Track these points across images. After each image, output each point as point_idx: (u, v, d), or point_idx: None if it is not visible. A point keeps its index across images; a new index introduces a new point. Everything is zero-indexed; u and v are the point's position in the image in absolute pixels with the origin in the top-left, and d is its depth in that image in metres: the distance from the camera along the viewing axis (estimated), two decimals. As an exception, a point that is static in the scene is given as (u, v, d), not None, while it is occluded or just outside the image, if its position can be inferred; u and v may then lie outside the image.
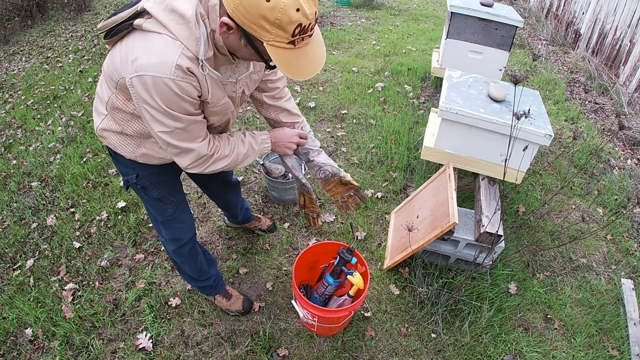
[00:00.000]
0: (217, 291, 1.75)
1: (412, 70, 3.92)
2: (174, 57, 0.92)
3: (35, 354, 1.68)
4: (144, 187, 1.32)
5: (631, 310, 1.88)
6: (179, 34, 0.92)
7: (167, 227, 1.46)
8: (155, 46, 0.93)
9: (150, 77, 0.92)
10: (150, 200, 1.38)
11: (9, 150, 3.02)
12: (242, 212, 2.03)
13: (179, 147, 1.08)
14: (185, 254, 1.54)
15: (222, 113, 1.16)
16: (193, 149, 1.09)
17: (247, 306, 1.80)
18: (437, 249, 1.94)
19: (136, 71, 0.93)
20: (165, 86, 0.93)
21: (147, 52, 0.93)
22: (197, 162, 1.13)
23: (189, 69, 0.94)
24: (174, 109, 0.98)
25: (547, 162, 2.86)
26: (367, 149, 2.84)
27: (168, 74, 0.92)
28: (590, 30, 4.24)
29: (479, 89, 2.05)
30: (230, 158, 1.19)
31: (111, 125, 1.18)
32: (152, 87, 0.93)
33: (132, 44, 0.96)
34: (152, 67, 0.92)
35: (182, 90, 0.95)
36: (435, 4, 6.47)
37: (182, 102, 0.98)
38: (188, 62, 0.93)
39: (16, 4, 5.72)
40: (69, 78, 4.02)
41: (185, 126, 1.04)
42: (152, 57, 0.92)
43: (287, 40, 0.87)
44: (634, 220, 2.42)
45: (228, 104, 1.15)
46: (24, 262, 2.08)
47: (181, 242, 1.50)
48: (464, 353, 1.69)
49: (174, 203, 1.41)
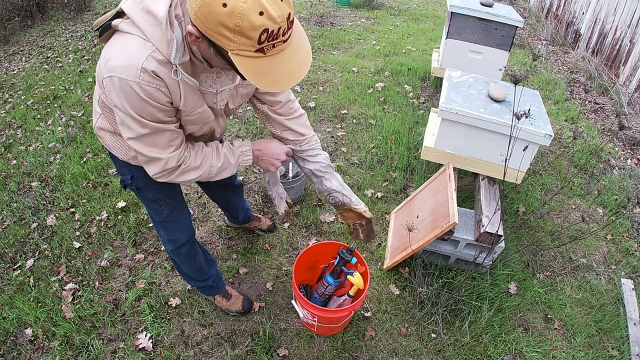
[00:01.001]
0: (216, 291, 1.75)
1: (412, 70, 3.92)
2: (141, 59, 0.88)
3: (35, 354, 1.68)
4: (138, 188, 1.31)
5: (631, 310, 1.88)
6: (152, 35, 0.88)
7: (165, 227, 1.46)
8: (125, 47, 0.90)
9: (118, 78, 0.89)
10: (145, 201, 1.38)
11: (9, 150, 3.02)
12: (243, 212, 2.03)
13: (146, 156, 1.03)
14: (184, 254, 1.54)
15: (200, 122, 1.11)
16: (161, 159, 1.03)
17: (247, 306, 1.79)
18: (437, 249, 1.94)
19: (108, 71, 0.91)
20: (131, 89, 0.90)
21: (118, 53, 0.90)
22: (164, 172, 1.08)
23: (154, 72, 0.89)
24: (141, 114, 0.94)
25: (547, 162, 2.86)
26: (367, 149, 2.84)
27: (133, 76, 0.88)
28: (590, 30, 4.24)
29: (479, 89, 2.05)
30: (202, 170, 1.13)
31: (105, 124, 1.17)
32: (120, 90, 0.91)
33: (110, 45, 0.95)
34: (120, 69, 0.89)
35: (148, 95, 0.91)
36: (435, 4, 6.47)
37: (149, 107, 0.94)
38: (155, 66, 0.89)
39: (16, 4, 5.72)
40: (69, 78, 4.02)
41: (152, 133, 0.99)
42: (120, 59, 0.89)
43: (253, 49, 0.77)
44: (634, 220, 2.42)
45: (206, 112, 1.08)
46: (24, 262, 2.08)
47: (178, 242, 1.49)
48: (464, 353, 1.69)
49: (169, 204, 1.40)
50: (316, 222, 2.27)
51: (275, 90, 0.84)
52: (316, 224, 2.26)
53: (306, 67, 0.86)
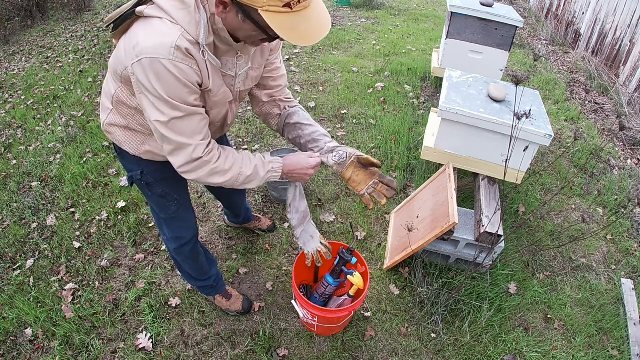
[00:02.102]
0: (217, 291, 1.75)
1: (412, 70, 3.92)
2: (174, 37, 0.90)
3: (35, 354, 1.68)
4: (148, 183, 1.31)
5: (631, 310, 1.88)
6: (179, 18, 0.92)
7: (170, 225, 1.46)
8: (154, 29, 0.92)
9: (149, 59, 0.90)
10: (154, 197, 1.37)
11: (9, 150, 3.02)
12: (244, 211, 2.03)
13: (174, 141, 1.03)
14: (187, 252, 1.54)
15: (222, 104, 1.14)
16: (189, 144, 1.04)
17: (247, 306, 1.79)
18: (437, 249, 1.94)
19: (137, 56, 0.92)
20: (163, 68, 0.91)
21: (147, 35, 0.92)
22: (190, 165, 1.07)
23: (187, 50, 0.92)
24: (172, 96, 0.96)
25: (547, 162, 2.86)
26: (367, 149, 2.84)
27: (167, 54, 0.90)
28: (590, 30, 4.24)
29: (479, 89, 2.05)
30: (229, 175, 1.13)
31: (117, 119, 1.17)
32: (150, 70, 0.92)
33: (135, 32, 0.96)
34: (151, 49, 0.90)
35: (180, 73, 0.93)
36: (435, 4, 6.47)
37: (181, 87, 0.96)
38: (187, 44, 0.92)
39: (16, 4, 5.72)
40: (69, 78, 4.02)
41: (184, 116, 1.00)
42: (151, 40, 0.91)
43: (282, 4, 0.83)
44: (634, 220, 2.42)
45: (227, 92, 1.13)
46: (24, 262, 2.08)
47: (183, 240, 1.50)
48: (464, 353, 1.69)
49: (177, 201, 1.41)
50: (316, 222, 2.27)
51: (302, 44, 0.88)
52: (316, 224, 2.26)
53: (327, 27, 0.91)
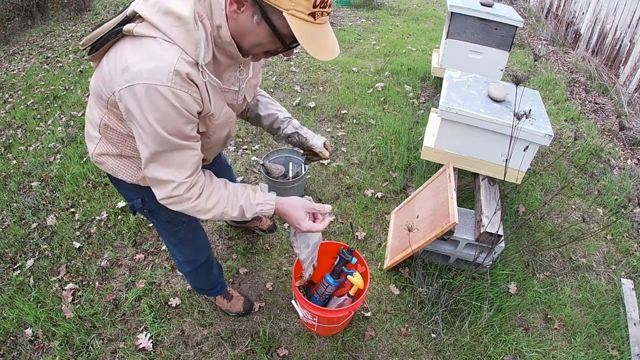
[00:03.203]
0: (218, 293, 1.75)
1: (412, 70, 3.92)
2: (172, 61, 0.80)
3: (35, 354, 1.68)
4: (151, 211, 1.22)
5: (631, 310, 1.88)
6: (175, 37, 0.82)
7: (181, 249, 1.40)
8: (148, 51, 0.81)
9: (143, 85, 0.80)
10: (160, 224, 1.30)
11: (9, 150, 3.02)
12: None
13: (156, 178, 0.94)
14: (202, 273, 1.51)
15: (224, 125, 1.06)
16: (171, 181, 0.95)
17: (248, 307, 1.79)
18: (437, 249, 1.94)
19: (127, 82, 0.81)
20: (160, 96, 0.81)
21: (139, 58, 0.81)
22: (170, 200, 0.98)
23: (188, 75, 0.83)
24: (165, 127, 0.85)
25: (547, 162, 2.86)
26: (367, 149, 2.84)
27: (165, 80, 0.80)
28: (590, 30, 4.24)
29: (479, 89, 2.05)
30: (212, 214, 1.04)
31: (107, 148, 1.07)
32: (144, 98, 0.81)
33: (122, 53, 0.84)
34: (145, 74, 0.80)
35: (179, 102, 0.84)
36: (435, 4, 6.47)
37: (177, 117, 0.86)
38: (188, 68, 0.83)
39: (16, 4, 5.72)
40: (69, 78, 4.02)
41: (171, 150, 0.91)
42: (145, 63, 0.80)
43: (308, 11, 0.78)
44: (634, 220, 2.42)
45: (229, 113, 1.06)
46: (24, 262, 2.08)
47: (197, 262, 1.45)
48: (464, 353, 1.69)
49: (185, 223, 1.32)
50: (316, 222, 2.27)
51: (320, 57, 0.83)
52: (316, 224, 2.26)
53: (338, 49, 0.89)
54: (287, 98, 3.43)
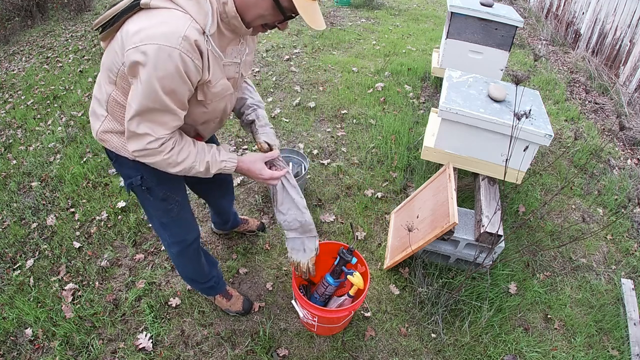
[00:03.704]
0: (217, 291, 1.75)
1: (412, 70, 3.92)
2: (183, 28, 0.90)
3: (35, 354, 1.68)
4: (149, 188, 1.28)
5: (631, 310, 1.88)
6: (188, 8, 0.92)
7: (171, 229, 1.43)
8: (162, 18, 0.91)
9: (154, 45, 0.88)
10: (155, 202, 1.34)
11: (9, 150, 3.02)
12: (232, 216, 2.02)
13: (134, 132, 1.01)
14: (190, 255, 1.52)
15: (221, 96, 1.13)
16: (149, 135, 1.02)
17: (247, 306, 1.79)
18: (437, 249, 1.94)
19: (139, 42, 0.89)
20: (168, 57, 0.90)
21: (153, 24, 0.90)
22: (144, 152, 1.05)
23: (196, 42, 0.92)
24: (163, 86, 0.94)
25: (547, 162, 2.86)
26: (367, 149, 2.84)
27: (175, 43, 0.89)
28: (590, 30, 4.24)
29: (479, 89, 2.05)
30: (181, 167, 1.12)
31: (112, 125, 1.15)
32: (153, 56, 0.89)
33: (136, 23, 0.93)
34: (158, 36, 0.89)
35: (184, 66, 0.93)
36: (435, 4, 6.47)
37: (178, 81, 0.94)
38: (197, 35, 0.92)
39: (16, 4, 5.72)
40: (69, 78, 4.02)
41: (159, 110, 0.98)
42: (157, 28, 0.89)
43: None
44: (634, 220, 2.42)
45: (227, 85, 1.13)
46: (24, 262, 2.08)
47: (186, 242, 1.47)
48: (464, 353, 1.69)
49: (178, 202, 1.39)
50: (316, 222, 2.27)
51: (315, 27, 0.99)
52: (316, 224, 2.26)
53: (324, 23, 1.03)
54: (287, 98, 3.43)
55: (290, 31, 4.91)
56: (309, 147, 2.85)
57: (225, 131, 3.00)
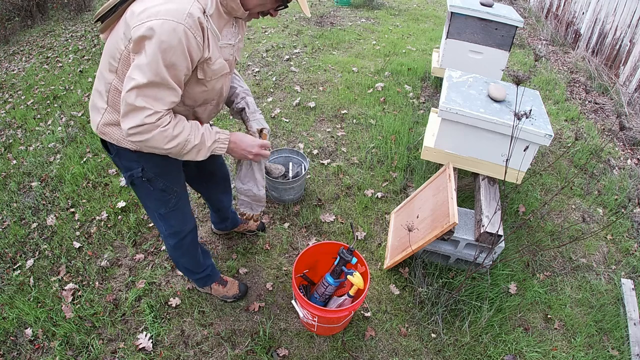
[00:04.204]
0: (212, 280, 1.78)
1: (412, 70, 3.92)
2: (188, 5, 0.95)
3: (35, 354, 1.68)
4: (149, 179, 1.30)
5: (631, 310, 1.88)
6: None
7: (168, 220, 1.45)
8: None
9: (160, 20, 0.92)
10: (155, 193, 1.36)
11: (9, 150, 3.02)
12: (232, 214, 2.03)
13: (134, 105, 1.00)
14: (186, 246, 1.55)
15: (219, 73, 1.17)
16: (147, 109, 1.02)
17: (244, 289, 1.83)
18: (437, 249, 1.94)
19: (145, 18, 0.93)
20: (173, 31, 0.93)
21: (159, 2, 0.94)
22: (139, 128, 1.04)
23: (199, 19, 0.96)
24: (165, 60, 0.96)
25: (547, 162, 2.86)
26: (367, 149, 2.84)
27: (180, 19, 0.93)
28: (590, 30, 4.24)
29: (479, 89, 2.05)
30: (177, 140, 1.11)
31: (113, 117, 1.16)
32: (158, 30, 0.92)
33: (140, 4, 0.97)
34: (164, 12, 0.92)
35: (187, 42, 0.96)
36: (435, 4, 6.47)
37: (180, 55, 0.97)
38: (199, 13, 0.96)
39: (16, 4, 5.72)
40: (69, 78, 4.02)
41: (159, 84, 1.00)
42: (163, 5, 0.93)
43: None
44: (634, 220, 2.42)
45: (224, 65, 1.16)
46: (24, 262, 2.08)
47: (183, 233, 1.50)
48: (464, 353, 1.69)
49: (177, 193, 1.41)
50: (316, 222, 2.27)
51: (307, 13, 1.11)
52: (316, 224, 2.26)
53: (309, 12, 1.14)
54: (287, 98, 3.43)
55: (290, 31, 4.92)
56: (309, 147, 2.85)
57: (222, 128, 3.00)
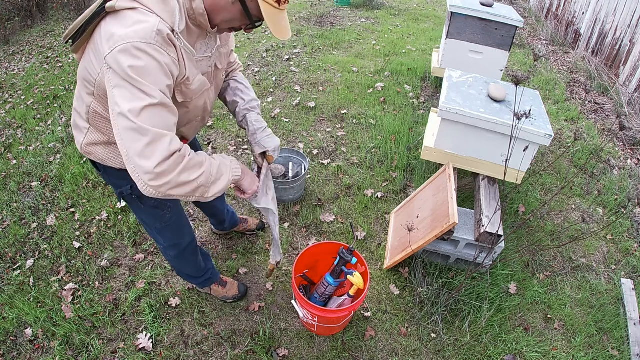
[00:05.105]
0: (212, 281, 1.78)
1: (412, 70, 3.92)
2: (154, 24, 0.89)
3: (35, 354, 1.68)
4: (139, 196, 1.25)
5: (631, 310, 1.88)
6: (153, 6, 0.91)
7: (165, 234, 1.43)
8: (131, 19, 0.89)
9: (127, 44, 0.86)
10: (146, 209, 1.32)
11: (9, 150, 3.02)
12: (229, 216, 2.01)
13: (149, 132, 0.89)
14: (187, 256, 1.54)
15: (199, 92, 1.12)
16: (166, 135, 0.92)
17: (243, 290, 1.83)
18: (437, 249, 1.94)
19: (113, 45, 0.87)
20: (143, 52, 0.87)
21: (123, 25, 0.88)
22: (166, 164, 0.92)
23: (169, 36, 0.91)
24: (148, 80, 0.89)
25: (547, 162, 2.86)
26: (367, 149, 2.84)
27: (148, 38, 0.88)
28: (590, 30, 4.24)
29: (479, 89, 2.05)
30: (203, 168, 1.01)
31: (96, 137, 1.12)
32: (128, 54, 0.86)
33: (106, 28, 0.91)
34: (131, 34, 0.86)
35: (161, 59, 0.90)
36: (435, 4, 6.47)
37: (159, 72, 0.90)
38: (167, 30, 0.91)
39: (16, 4, 5.72)
40: (69, 78, 4.02)
41: (158, 104, 0.90)
42: (128, 28, 0.87)
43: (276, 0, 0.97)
44: (634, 220, 2.42)
45: (204, 81, 1.13)
46: (24, 262, 2.08)
47: (181, 246, 1.48)
48: (464, 353, 1.69)
49: (171, 208, 1.37)
50: (316, 222, 2.27)
51: (280, 37, 1.01)
52: (316, 224, 2.26)
53: (290, 31, 1.06)
54: (287, 98, 3.43)
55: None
56: (309, 147, 2.85)
57: (225, 131, 3.00)
